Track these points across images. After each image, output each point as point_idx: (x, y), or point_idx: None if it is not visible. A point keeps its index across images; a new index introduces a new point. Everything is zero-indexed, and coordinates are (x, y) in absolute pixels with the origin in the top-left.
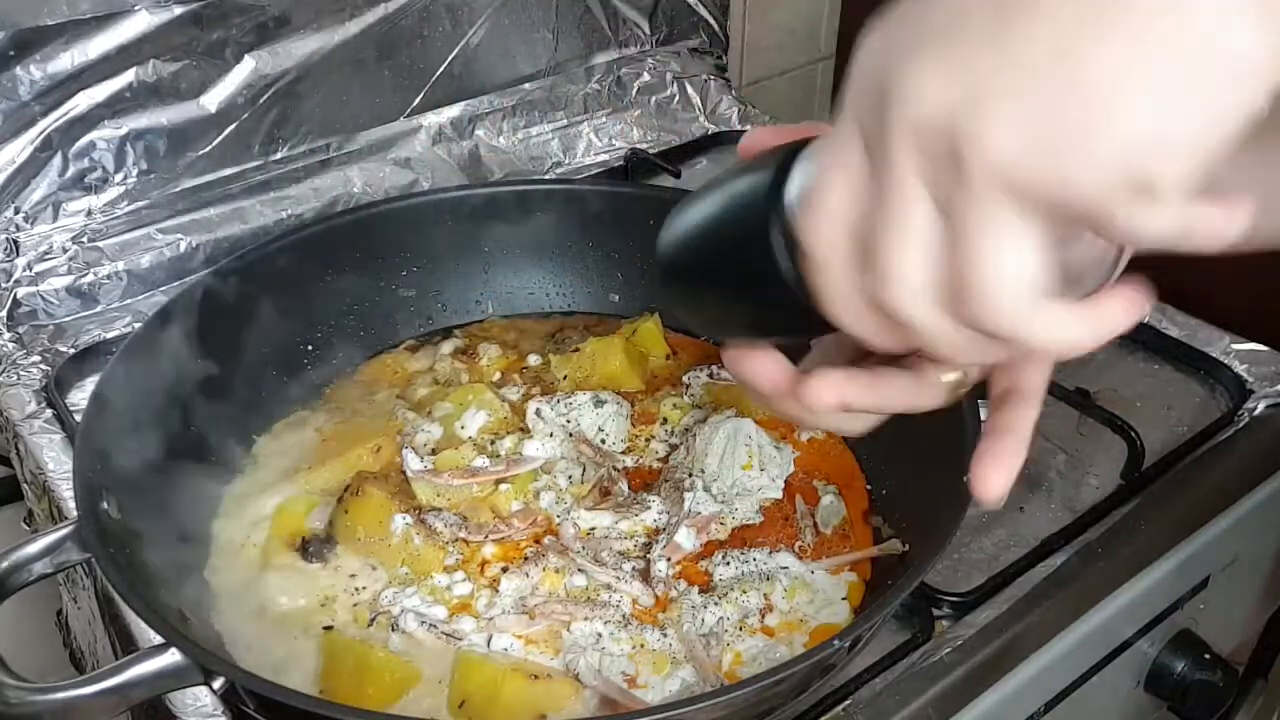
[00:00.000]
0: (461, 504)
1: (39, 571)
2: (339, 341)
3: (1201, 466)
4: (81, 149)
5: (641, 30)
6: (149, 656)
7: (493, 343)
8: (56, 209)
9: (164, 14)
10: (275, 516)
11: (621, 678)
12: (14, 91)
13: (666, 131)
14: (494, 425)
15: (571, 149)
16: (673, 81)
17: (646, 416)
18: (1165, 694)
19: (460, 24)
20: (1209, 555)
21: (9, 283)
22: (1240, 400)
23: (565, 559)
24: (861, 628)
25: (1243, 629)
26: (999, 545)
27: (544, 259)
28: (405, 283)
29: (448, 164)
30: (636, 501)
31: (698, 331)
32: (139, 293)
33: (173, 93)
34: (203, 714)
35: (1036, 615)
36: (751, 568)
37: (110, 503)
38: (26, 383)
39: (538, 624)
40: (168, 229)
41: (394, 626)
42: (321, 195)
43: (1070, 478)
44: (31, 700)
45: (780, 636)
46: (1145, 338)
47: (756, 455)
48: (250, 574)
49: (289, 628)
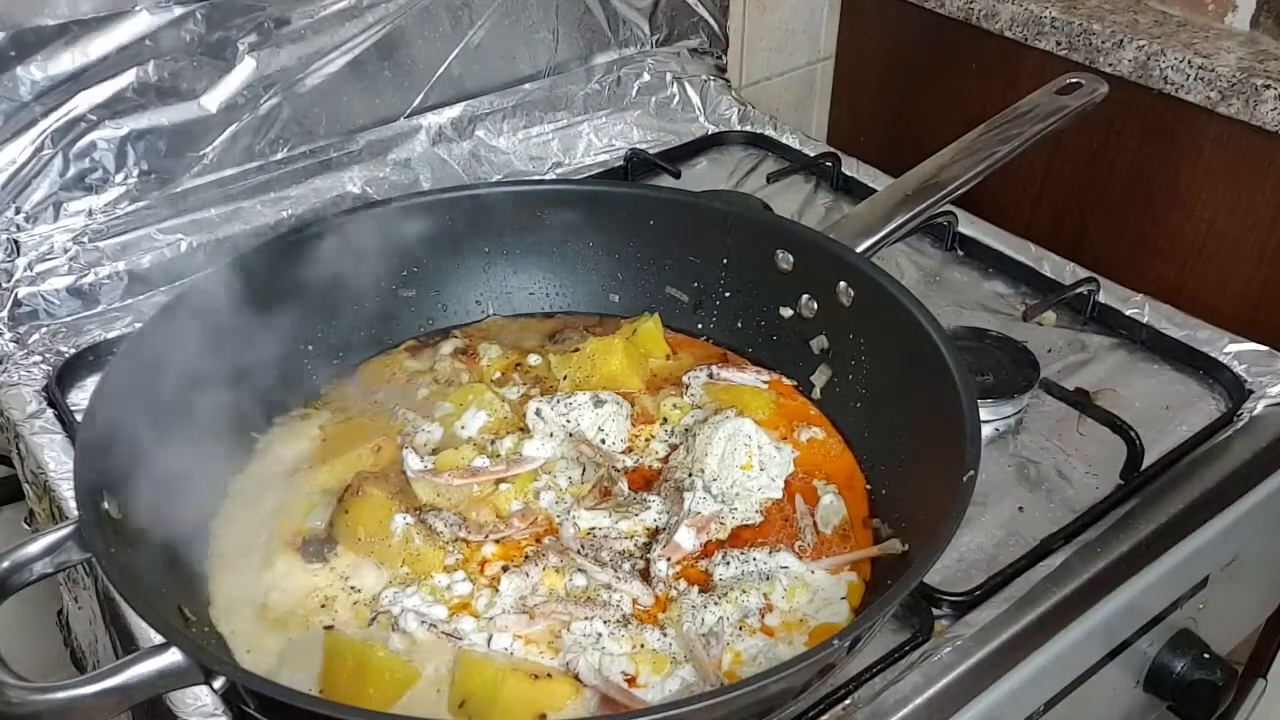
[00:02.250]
0: (461, 504)
1: (39, 571)
2: (339, 341)
3: (1201, 466)
4: (82, 149)
5: (641, 30)
6: (150, 656)
7: (493, 343)
8: (57, 209)
9: (164, 14)
10: (275, 516)
11: (621, 677)
12: (15, 91)
13: (666, 131)
14: (494, 425)
15: (571, 149)
16: (672, 81)
17: (646, 416)
18: (1165, 693)
19: (460, 24)
20: (1208, 555)
21: (10, 283)
22: (1239, 400)
23: (565, 559)
24: (861, 627)
25: (1242, 628)
26: (999, 545)
27: (544, 259)
28: (405, 283)
29: (448, 164)
30: (636, 501)
31: None
32: (139, 293)
33: (173, 93)
34: (203, 713)
35: (1036, 615)
36: (751, 568)
37: (110, 503)
38: (27, 383)
39: (538, 624)
40: (168, 229)
41: (394, 626)
42: (321, 195)
43: (1070, 478)
44: (32, 700)
45: (780, 636)
46: (1145, 338)
47: (756, 455)
48: (251, 574)
49: (289, 627)
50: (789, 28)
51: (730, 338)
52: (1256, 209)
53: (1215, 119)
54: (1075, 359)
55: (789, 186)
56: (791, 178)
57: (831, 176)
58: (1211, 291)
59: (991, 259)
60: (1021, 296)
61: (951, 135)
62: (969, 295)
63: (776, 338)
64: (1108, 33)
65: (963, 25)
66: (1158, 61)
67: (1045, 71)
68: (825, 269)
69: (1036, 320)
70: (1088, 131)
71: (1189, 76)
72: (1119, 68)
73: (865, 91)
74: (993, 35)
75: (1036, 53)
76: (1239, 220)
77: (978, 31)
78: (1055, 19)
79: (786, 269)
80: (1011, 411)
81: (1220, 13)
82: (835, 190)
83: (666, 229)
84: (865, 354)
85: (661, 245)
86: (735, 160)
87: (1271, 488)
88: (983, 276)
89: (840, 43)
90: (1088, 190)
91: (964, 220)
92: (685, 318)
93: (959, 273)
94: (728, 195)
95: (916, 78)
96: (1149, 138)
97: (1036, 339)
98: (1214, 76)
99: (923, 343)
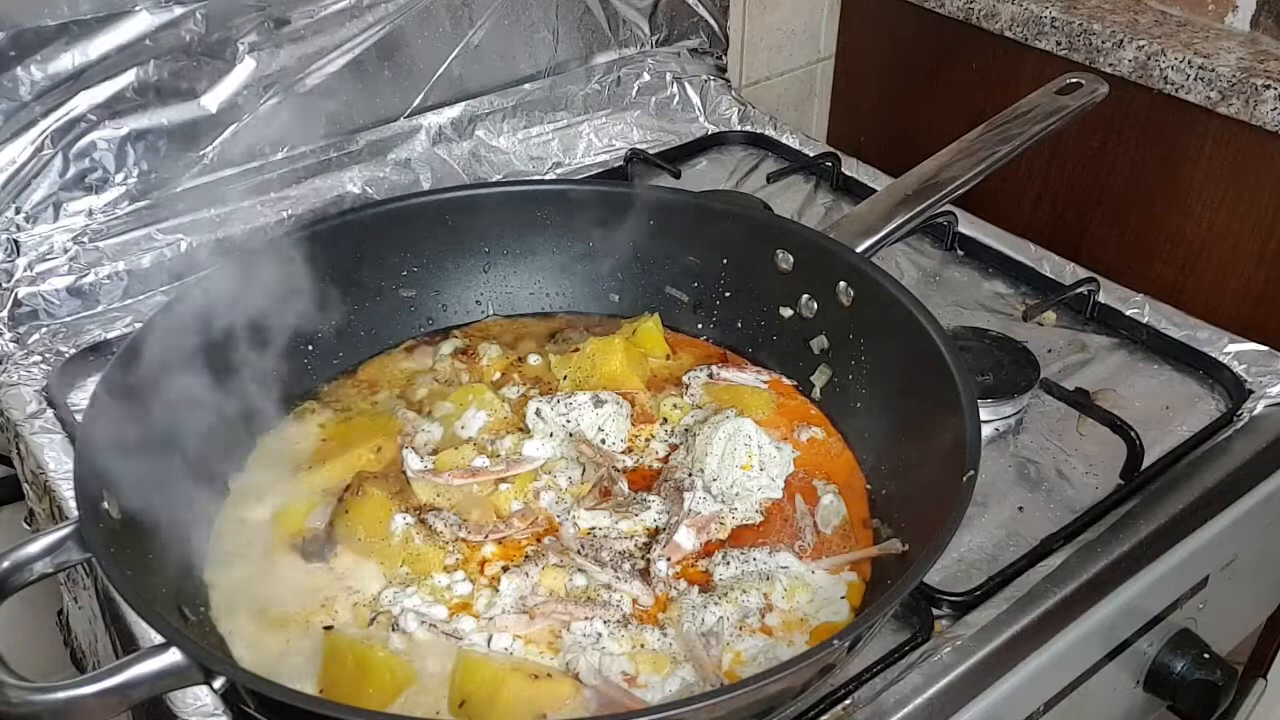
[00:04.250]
0: (461, 504)
1: (39, 571)
2: (339, 341)
3: (1200, 466)
4: (82, 149)
5: (641, 30)
6: (150, 656)
7: (493, 343)
8: (57, 209)
9: (164, 14)
10: (276, 516)
11: (621, 677)
12: (15, 92)
13: (666, 131)
14: (494, 425)
15: (571, 149)
16: (672, 82)
17: (646, 416)
18: (1165, 693)
19: (460, 24)
20: (1208, 555)
21: (10, 283)
22: (1239, 400)
23: (565, 559)
24: (861, 627)
25: (1242, 628)
26: (999, 545)
27: (544, 259)
28: (405, 283)
29: (448, 164)
30: (636, 501)
31: None
32: (139, 293)
33: (173, 93)
34: (203, 713)
35: (1036, 615)
36: (751, 567)
37: (110, 503)
38: (27, 383)
39: (538, 624)
40: (168, 229)
41: (394, 626)
42: (321, 195)
43: (1070, 478)
44: (32, 700)
45: (780, 636)
46: (1145, 338)
47: (756, 455)
48: (251, 573)
49: (289, 627)
50: (789, 28)
51: (730, 338)
52: (1256, 209)
53: (1215, 119)
54: (1075, 359)
55: (789, 186)
56: (791, 178)
57: (831, 176)
58: (1211, 291)
59: (991, 259)
60: (1021, 296)
61: (951, 135)
62: (969, 295)
63: (776, 338)
64: (1108, 33)
65: (963, 25)
66: (1158, 61)
67: (1045, 71)
68: (825, 269)
69: (1036, 320)
70: (1088, 131)
71: (1189, 76)
72: (1119, 68)
73: (865, 91)
74: (993, 35)
75: (1036, 53)
76: (1239, 220)
77: (978, 31)
78: (1055, 19)
79: (786, 269)
80: (1011, 411)
81: (1220, 13)
82: (835, 190)
83: (666, 229)
84: (865, 354)
85: (661, 245)
86: (735, 160)
87: (1271, 488)
88: (983, 276)
89: (840, 43)
90: (1087, 190)
91: (964, 220)
92: (685, 317)
93: (959, 273)
94: (728, 195)
95: (916, 78)
96: (1149, 138)
97: (1036, 339)
98: (1214, 76)
99: (923, 343)
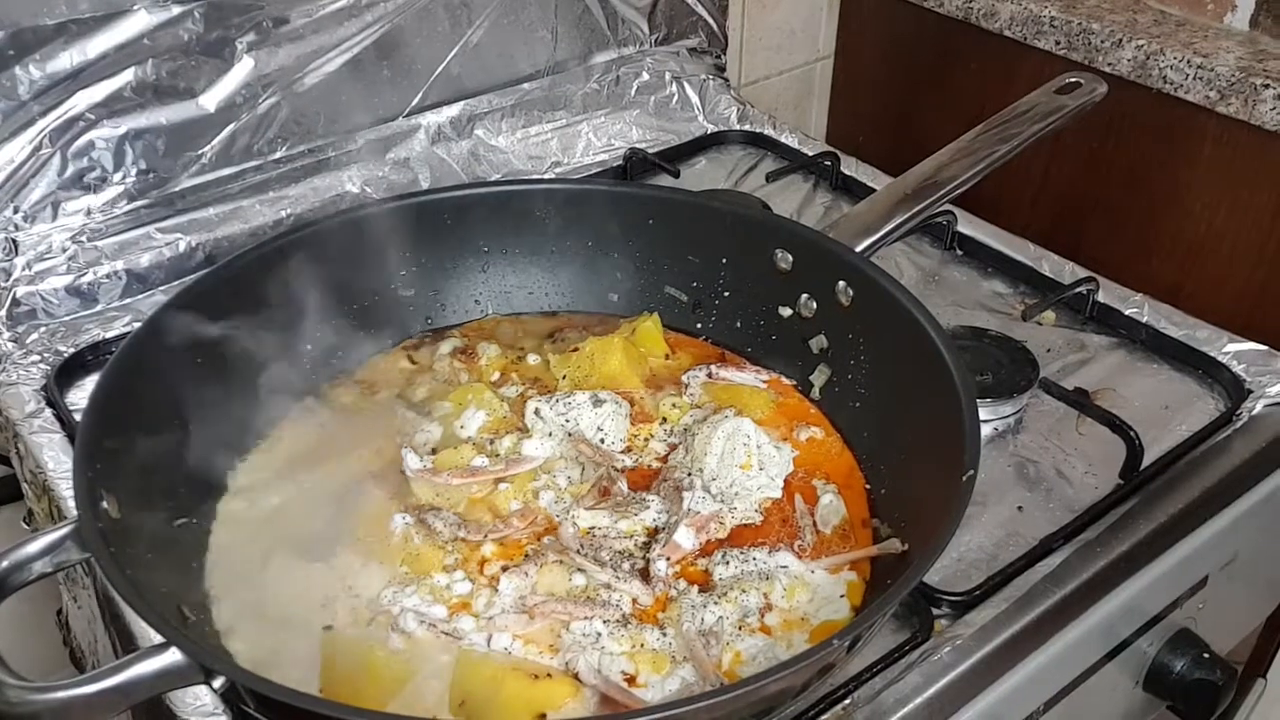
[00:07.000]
0: (461, 503)
1: (39, 571)
2: (339, 341)
3: (1200, 466)
4: (80, 149)
5: (640, 30)
6: (149, 656)
7: (492, 342)
8: (56, 208)
9: (163, 14)
10: (275, 516)
11: (621, 677)
12: (13, 91)
13: (665, 131)
14: (493, 425)
15: (570, 149)
16: (671, 81)
17: (646, 416)
18: (1164, 693)
19: (459, 23)
20: (1207, 554)
21: (9, 282)
22: (1239, 400)
23: (564, 558)
24: (861, 627)
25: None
26: (998, 545)
27: (543, 259)
28: (405, 283)
29: (446, 163)
30: (635, 501)
31: None
32: (138, 292)
33: (171, 92)
34: (203, 713)
35: (1036, 615)
36: (751, 567)
37: (110, 502)
38: (26, 382)
39: (537, 623)
40: (167, 229)
41: (394, 626)
42: (321, 195)
43: (1069, 477)
44: (31, 700)
45: (780, 636)
46: (1144, 337)
47: (755, 455)
48: (250, 573)
49: (289, 627)
50: (788, 27)
51: (729, 337)
52: (1256, 208)
53: (1214, 118)
54: (1074, 358)
55: (788, 186)
56: (790, 177)
57: (830, 176)
58: (1211, 291)
59: (991, 258)
60: (1021, 296)
61: (951, 135)
62: (968, 295)
63: (776, 337)
64: (1107, 32)
65: (962, 25)
66: (1157, 61)
67: (1044, 71)
68: (824, 268)
69: (1036, 320)
70: (1087, 131)
71: (1188, 76)
72: (1118, 67)
73: (864, 91)
74: (992, 35)
75: (1036, 52)
76: (1238, 220)
77: (977, 31)
78: (1054, 18)
79: (785, 268)
80: (1011, 411)
81: (1219, 12)
82: (834, 190)
83: (666, 228)
84: (864, 353)
85: (661, 245)
86: (734, 159)
87: (1271, 487)
88: (982, 276)
89: (839, 42)
90: (1087, 190)
91: (963, 220)
92: (684, 317)
93: (958, 272)
94: (727, 194)
95: (916, 77)
96: (1148, 137)
97: (1036, 338)
98: (1213, 76)
99: (922, 342)
